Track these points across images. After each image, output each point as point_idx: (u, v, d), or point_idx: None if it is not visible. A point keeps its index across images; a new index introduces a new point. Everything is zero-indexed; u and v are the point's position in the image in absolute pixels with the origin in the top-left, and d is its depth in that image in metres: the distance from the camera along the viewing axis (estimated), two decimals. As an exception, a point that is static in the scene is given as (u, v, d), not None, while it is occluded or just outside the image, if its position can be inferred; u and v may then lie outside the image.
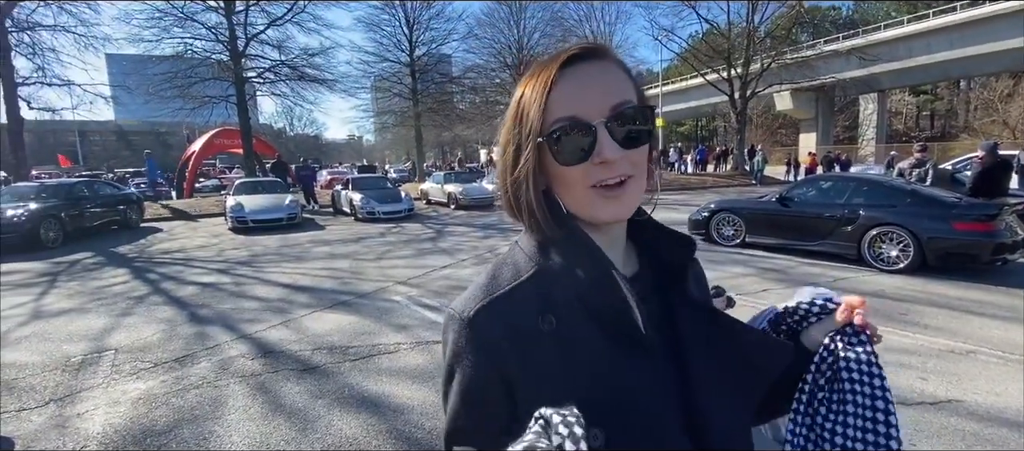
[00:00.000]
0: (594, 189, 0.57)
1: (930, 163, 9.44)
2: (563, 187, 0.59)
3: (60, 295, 6.26)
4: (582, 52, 0.57)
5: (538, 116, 0.56)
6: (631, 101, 0.57)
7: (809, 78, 25.67)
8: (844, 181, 7.61)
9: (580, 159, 0.56)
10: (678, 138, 51.91)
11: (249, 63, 20.16)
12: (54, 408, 3.27)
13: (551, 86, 0.56)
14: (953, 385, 3.26)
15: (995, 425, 2.79)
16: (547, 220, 0.59)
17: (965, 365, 3.56)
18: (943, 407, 3.00)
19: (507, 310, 0.57)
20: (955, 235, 5.96)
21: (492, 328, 0.56)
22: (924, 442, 2.64)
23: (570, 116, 0.55)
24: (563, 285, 0.58)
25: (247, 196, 12.65)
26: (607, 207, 0.57)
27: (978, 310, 4.76)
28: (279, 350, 4.15)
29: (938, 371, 3.47)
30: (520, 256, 0.62)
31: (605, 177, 0.56)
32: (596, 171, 0.56)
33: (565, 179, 0.58)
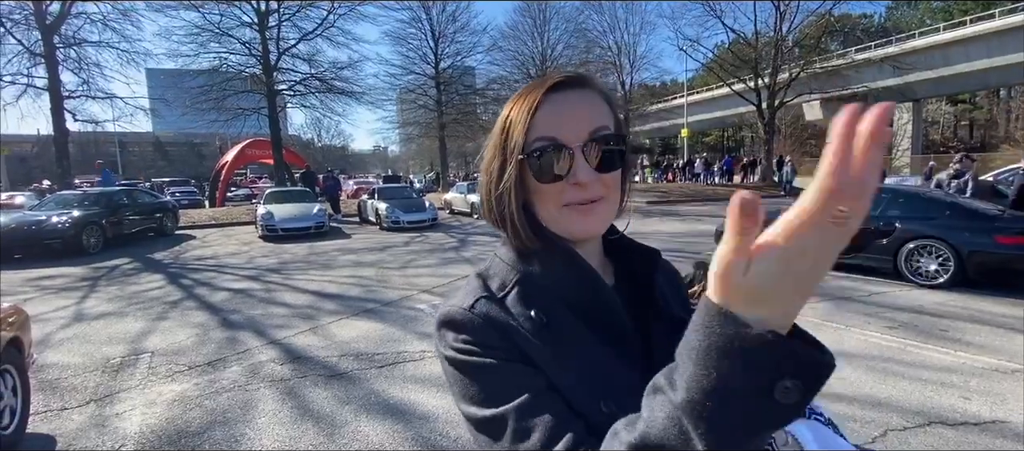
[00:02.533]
0: (567, 207, 0.61)
1: (970, 174, 9.10)
2: (540, 202, 0.63)
3: (100, 299, 6.52)
4: (567, 80, 0.63)
5: (522, 135, 0.61)
6: (608, 128, 0.61)
7: (840, 87, 25.06)
8: (879, 192, 7.37)
9: (557, 178, 0.60)
10: (704, 148, 51.23)
11: (280, 76, 20.83)
12: (94, 408, 3.40)
13: (536, 108, 0.61)
14: (998, 405, 3.11)
15: (1046, 449, 2.65)
16: (527, 231, 0.63)
17: (1010, 384, 3.40)
18: (987, 428, 2.86)
19: (501, 309, 0.60)
20: (998, 249, 5.71)
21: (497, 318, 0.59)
22: (969, 465, 2.53)
23: (551, 137, 0.60)
24: (547, 289, 0.62)
25: (277, 205, 12.98)
26: (578, 223, 0.62)
27: (1023, 328, 4.54)
28: (307, 356, 4.23)
29: (982, 390, 3.32)
30: (502, 266, 0.66)
31: (578, 197, 0.61)
32: (571, 191, 0.61)
33: (542, 195, 0.62)
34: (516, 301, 0.61)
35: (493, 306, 0.61)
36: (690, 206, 18.48)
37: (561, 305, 0.61)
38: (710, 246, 8.89)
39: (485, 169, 0.66)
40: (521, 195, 0.63)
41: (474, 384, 0.58)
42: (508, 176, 0.62)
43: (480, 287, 0.63)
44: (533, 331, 0.59)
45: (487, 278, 0.65)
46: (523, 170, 0.62)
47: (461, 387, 0.59)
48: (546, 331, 0.59)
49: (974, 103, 43.53)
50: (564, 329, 0.60)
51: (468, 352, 0.58)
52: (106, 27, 17.79)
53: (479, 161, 0.69)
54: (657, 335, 0.64)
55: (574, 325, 0.60)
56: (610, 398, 0.56)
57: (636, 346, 0.62)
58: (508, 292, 0.62)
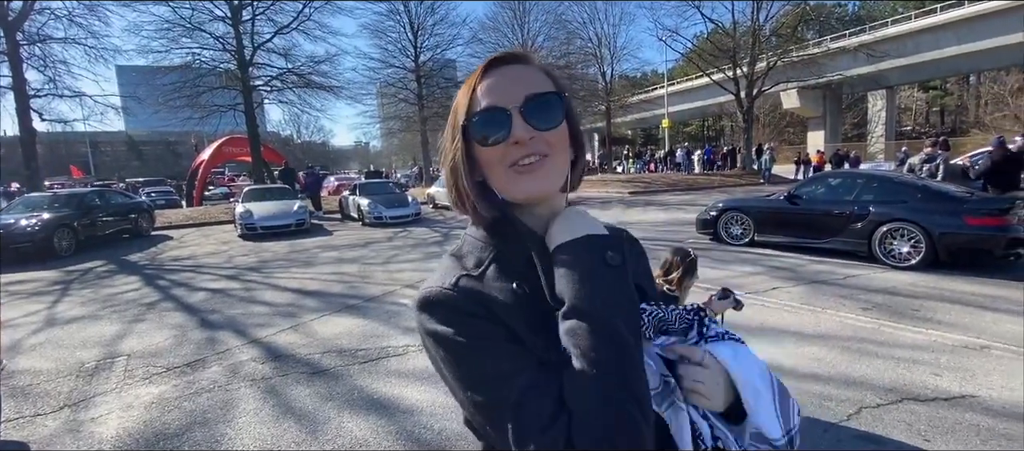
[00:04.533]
0: (511, 168, 0.63)
1: (941, 158, 9.35)
2: (488, 170, 0.64)
3: (73, 303, 6.34)
4: (505, 56, 0.66)
5: (464, 108, 0.64)
6: (546, 91, 0.64)
7: (816, 76, 25.47)
8: (853, 178, 7.54)
9: (497, 141, 0.62)
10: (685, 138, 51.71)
11: (256, 71, 20.38)
12: (68, 413, 3.31)
13: (476, 83, 0.65)
14: (967, 381, 3.22)
15: (1010, 420, 2.75)
16: (481, 203, 0.65)
17: (978, 360, 3.52)
18: (957, 403, 2.96)
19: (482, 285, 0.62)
20: (967, 230, 5.89)
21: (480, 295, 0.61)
22: (939, 438, 2.61)
23: (489, 104, 0.63)
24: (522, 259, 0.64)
25: (256, 203, 12.75)
26: (522, 182, 0.63)
27: (991, 305, 4.70)
28: (289, 354, 4.18)
29: (952, 367, 3.43)
30: (476, 244, 0.68)
31: (520, 156, 0.62)
32: (512, 151, 0.62)
33: (490, 164, 0.64)
34: (495, 276, 0.63)
35: (474, 283, 0.62)
36: (672, 195, 18.66)
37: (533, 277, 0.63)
38: (691, 235, 9.00)
39: (443, 154, 0.69)
40: (474, 170, 0.65)
41: (466, 366, 0.58)
42: (454, 147, 0.64)
43: (457, 266, 0.65)
44: (516, 304, 0.60)
45: (462, 257, 0.67)
46: (468, 142, 0.64)
47: (452, 369, 0.59)
48: (529, 301, 0.61)
49: (945, 90, 44.63)
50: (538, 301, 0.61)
51: (456, 333, 0.58)
52: (72, 23, 17.21)
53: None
54: None
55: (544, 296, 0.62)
56: None
57: None
58: (485, 268, 0.64)
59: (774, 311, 4.81)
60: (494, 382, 0.57)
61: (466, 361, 0.58)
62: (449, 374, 0.60)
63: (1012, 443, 2.55)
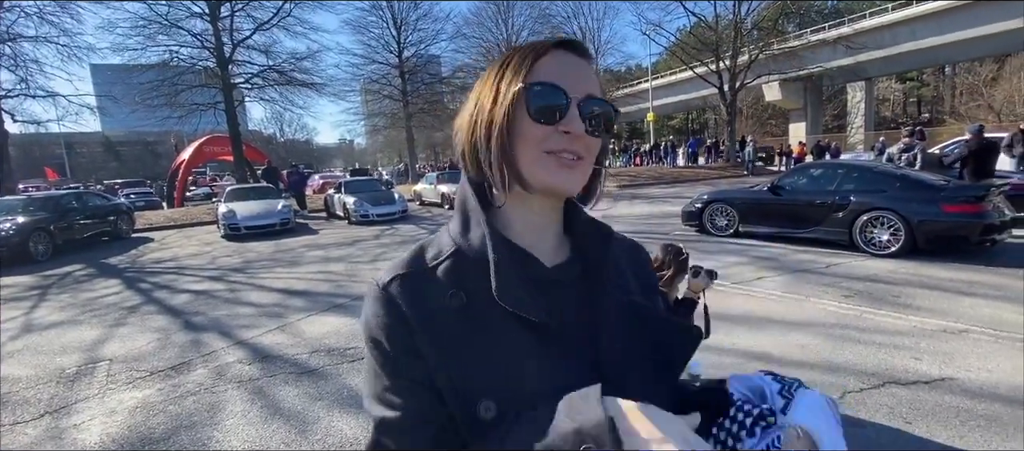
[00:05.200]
0: (549, 154, 0.59)
1: (918, 147, 9.55)
2: (522, 144, 0.59)
3: (51, 308, 6.19)
4: (574, 43, 0.63)
5: (523, 73, 0.59)
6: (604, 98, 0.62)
7: (797, 68, 25.84)
8: (834, 168, 7.67)
9: (549, 120, 0.58)
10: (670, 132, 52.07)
11: (236, 69, 20.02)
12: (49, 420, 3.24)
13: (541, 56, 0.60)
14: (946, 364, 3.30)
15: (988, 401, 2.83)
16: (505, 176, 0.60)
17: (957, 344, 3.61)
18: (937, 385, 3.03)
19: (421, 285, 0.60)
20: (945, 217, 6.03)
21: (405, 298, 0.59)
22: (920, 421, 2.67)
23: (553, 82, 0.59)
24: (481, 265, 0.60)
25: (239, 203, 12.56)
26: (558, 173, 0.59)
27: (968, 290, 4.82)
28: (276, 354, 4.13)
29: (931, 351, 3.51)
30: (445, 238, 0.65)
31: (562, 146, 0.59)
32: (557, 138, 0.59)
33: (526, 137, 0.59)
34: (444, 274, 0.61)
35: (410, 283, 0.60)
36: (658, 188, 18.80)
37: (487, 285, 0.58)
38: (677, 227, 9.08)
39: (470, 110, 0.64)
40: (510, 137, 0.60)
41: (367, 366, 0.61)
42: (503, 102, 0.59)
43: (409, 260, 0.63)
44: (443, 312, 0.58)
45: (426, 248, 0.65)
46: (517, 104, 0.59)
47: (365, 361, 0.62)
48: (460, 313, 0.58)
49: (921, 80, 45.60)
50: (484, 313, 0.58)
51: (370, 333, 0.59)
52: (43, 21, 16.73)
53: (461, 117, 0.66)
54: (606, 322, 0.61)
55: (494, 309, 0.57)
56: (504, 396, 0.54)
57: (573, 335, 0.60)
58: (439, 264, 0.62)
59: (759, 300, 4.88)
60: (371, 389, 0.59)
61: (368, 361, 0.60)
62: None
63: (991, 423, 2.62)
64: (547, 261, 0.64)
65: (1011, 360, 3.30)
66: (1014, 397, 2.85)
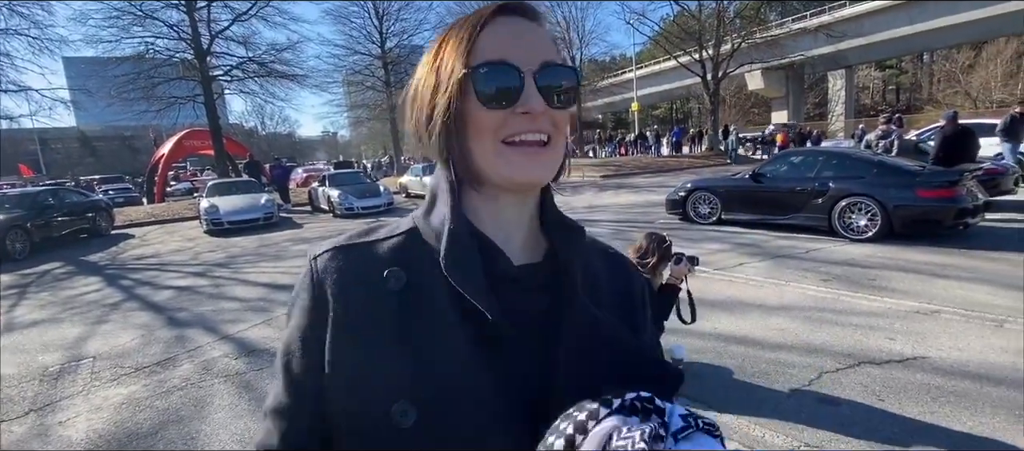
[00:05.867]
0: (508, 145, 0.51)
1: (896, 134, 9.75)
2: (475, 136, 0.52)
3: (31, 306, 6.08)
4: (517, 6, 0.54)
5: (465, 52, 0.51)
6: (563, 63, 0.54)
7: (779, 57, 26.08)
8: (814, 155, 7.81)
9: (502, 105, 0.50)
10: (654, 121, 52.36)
11: (215, 61, 19.64)
12: (34, 418, 3.20)
13: (481, 27, 0.52)
14: (919, 343, 3.42)
15: (958, 378, 2.94)
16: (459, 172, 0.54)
17: (930, 324, 3.74)
18: (910, 364, 3.15)
19: (358, 259, 0.54)
20: (920, 202, 6.19)
21: (330, 272, 0.54)
22: (892, 398, 2.78)
23: (500, 59, 0.50)
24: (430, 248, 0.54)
25: (221, 197, 12.37)
26: (521, 165, 0.51)
27: (942, 273, 4.97)
28: (263, 348, 4.12)
29: (905, 331, 3.63)
30: (406, 219, 0.59)
31: (523, 129, 0.51)
32: (515, 121, 0.51)
33: (480, 126, 0.51)
34: (389, 251, 0.55)
35: (343, 256, 0.55)
36: (643, 178, 18.94)
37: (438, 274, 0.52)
38: (661, 216, 9.19)
39: (412, 99, 0.56)
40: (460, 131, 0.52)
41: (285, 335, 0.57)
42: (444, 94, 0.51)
43: (355, 233, 0.59)
44: (372, 292, 0.52)
45: (383, 225, 0.60)
46: (463, 94, 0.51)
47: None
48: (394, 297, 0.51)
49: (900, 68, 46.38)
50: (424, 302, 0.51)
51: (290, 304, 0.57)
52: (12, 13, 16.19)
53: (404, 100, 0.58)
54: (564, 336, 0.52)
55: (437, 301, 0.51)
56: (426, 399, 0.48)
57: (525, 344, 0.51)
58: (387, 239, 0.56)
59: (740, 285, 4.98)
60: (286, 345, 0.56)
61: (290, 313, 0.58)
62: None
63: (960, 399, 2.73)
64: (515, 259, 0.56)
65: (981, 339, 3.43)
66: (983, 374, 2.97)
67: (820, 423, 2.57)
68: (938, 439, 2.40)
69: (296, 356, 0.55)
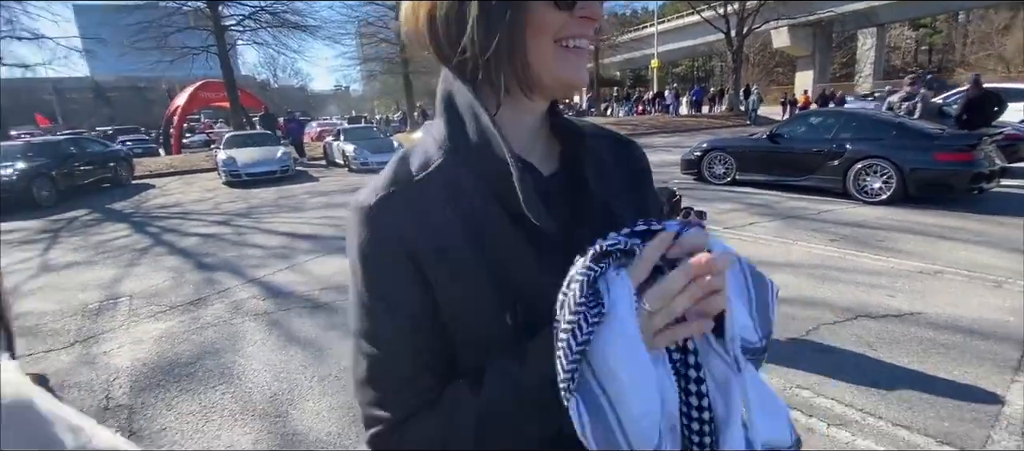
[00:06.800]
0: (558, 44, 0.51)
1: (920, 96, 9.50)
2: (533, 35, 0.51)
3: (65, 250, 6.39)
4: None
5: None
6: None
7: (807, 13, 25.16)
8: (833, 116, 7.70)
9: (569, 5, 0.50)
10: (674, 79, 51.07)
11: (226, 10, 19.43)
12: (80, 348, 3.48)
13: None
14: (917, 300, 3.53)
15: (950, 332, 3.06)
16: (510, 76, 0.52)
17: (931, 283, 3.83)
18: (906, 319, 3.27)
19: (416, 197, 0.53)
20: (936, 165, 6.14)
21: (399, 216, 0.52)
22: (884, 348, 2.91)
23: None
24: (472, 172, 0.54)
25: (238, 150, 12.56)
26: (578, 69, 0.53)
27: (950, 235, 5.01)
28: (287, 291, 4.35)
29: (906, 289, 3.73)
30: (430, 143, 0.57)
31: (578, 33, 0.52)
32: (573, 25, 0.51)
33: (541, 26, 0.50)
34: (434, 186, 0.54)
35: (400, 198, 0.53)
36: (660, 137, 18.72)
37: (486, 190, 0.53)
38: (676, 175, 9.19)
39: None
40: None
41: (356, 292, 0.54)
42: None
43: (392, 175, 0.55)
44: (444, 226, 0.52)
45: (409, 158, 0.57)
46: None
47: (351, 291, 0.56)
48: (462, 224, 0.52)
49: (934, 28, 44.31)
50: (484, 221, 0.53)
51: (356, 259, 0.53)
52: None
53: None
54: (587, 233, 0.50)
55: (495, 217, 0.53)
56: (521, 304, 0.51)
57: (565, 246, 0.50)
58: (428, 173, 0.55)
59: (748, 244, 5.07)
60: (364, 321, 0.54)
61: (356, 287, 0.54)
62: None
63: (949, 351, 2.86)
64: (544, 170, 0.58)
65: (978, 298, 3.52)
66: (975, 329, 3.08)
67: (813, 368, 2.72)
68: (923, 385, 2.54)
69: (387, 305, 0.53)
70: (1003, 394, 2.44)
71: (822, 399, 2.47)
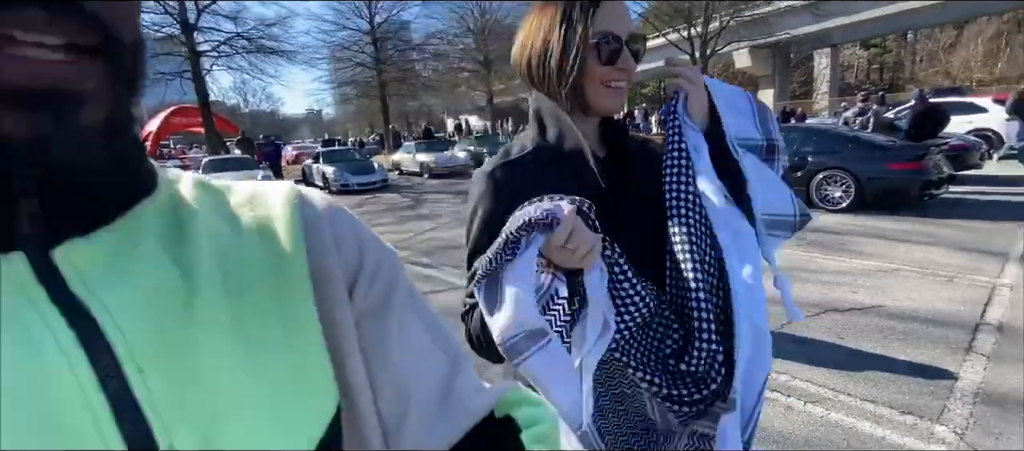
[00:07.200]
0: (604, 85, 0.80)
1: (872, 111, 10.20)
2: (590, 81, 0.79)
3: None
4: None
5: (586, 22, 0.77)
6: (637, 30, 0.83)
7: (766, 35, 26.42)
8: (794, 131, 8.22)
9: (610, 62, 0.78)
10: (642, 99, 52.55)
11: (201, 37, 19.38)
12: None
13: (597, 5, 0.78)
14: (878, 294, 3.87)
15: (909, 321, 3.39)
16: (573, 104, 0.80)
17: (889, 280, 4.19)
18: (868, 311, 3.59)
19: (518, 168, 0.81)
20: (890, 175, 6.64)
21: (505, 178, 0.79)
22: (851, 337, 3.21)
23: (610, 31, 0.78)
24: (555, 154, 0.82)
25: (218, 174, 12.47)
26: (613, 98, 0.82)
27: (904, 238, 5.44)
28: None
29: (867, 286, 4.07)
30: (526, 138, 0.87)
31: (616, 78, 0.80)
32: (613, 74, 0.79)
33: (592, 74, 0.79)
34: (529, 162, 0.82)
35: (507, 168, 0.81)
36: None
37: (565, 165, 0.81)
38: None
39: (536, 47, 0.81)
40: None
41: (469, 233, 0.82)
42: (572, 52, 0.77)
43: (502, 155, 0.85)
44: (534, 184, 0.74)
45: (510, 150, 0.86)
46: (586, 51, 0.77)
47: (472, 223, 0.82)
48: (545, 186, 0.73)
49: (884, 47, 46.99)
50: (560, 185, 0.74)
51: (474, 205, 0.81)
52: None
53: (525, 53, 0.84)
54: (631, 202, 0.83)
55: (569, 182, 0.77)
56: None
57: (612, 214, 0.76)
58: (525, 153, 0.83)
59: (724, 251, 5.39)
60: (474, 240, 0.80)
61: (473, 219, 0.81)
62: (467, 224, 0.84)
63: (907, 337, 3.17)
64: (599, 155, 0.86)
65: (931, 291, 3.89)
66: (929, 318, 3.42)
67: (789, 356, 2.99)
68: (886, 366, 2.83)
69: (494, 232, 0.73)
70: (956, 371, 2.74)
71: (798, 381, 2.73)
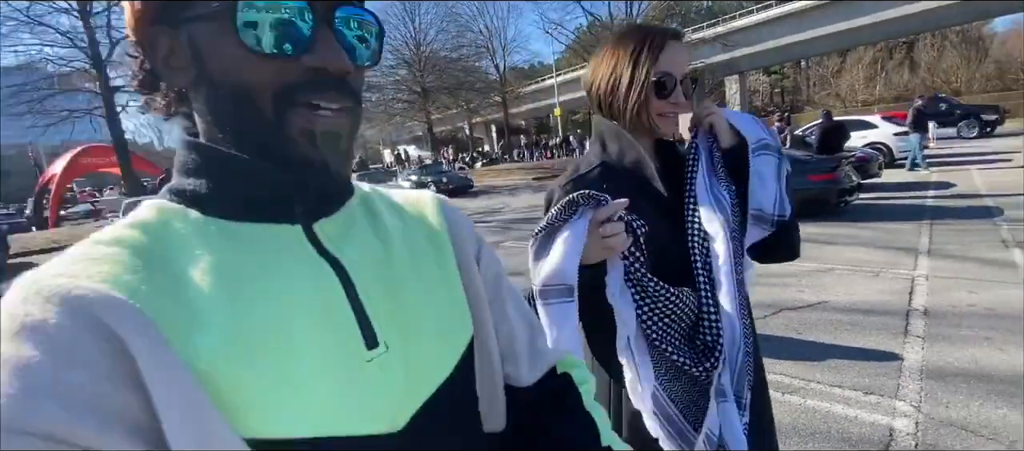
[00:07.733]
0: (661, 116, 0.99)
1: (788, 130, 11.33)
2: (651, 110, 0.98)
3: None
4: (679, 34, 1.02)
5: (651, 61, 0.96)
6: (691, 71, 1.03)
7: (683, 64, 28.56)
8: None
9: (666, 97, 0.98)
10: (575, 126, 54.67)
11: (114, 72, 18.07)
12: None
13: (662, 48, 0.97)
14: (821, 292, 4.30)
15: (852, 313, 3.80)
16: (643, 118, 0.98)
17: (828, 278, 4.67)
18: (816, 307, 3.99)
19: (586, 182, 0.97)
20: (809, 185, 7.37)
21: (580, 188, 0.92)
22: (807, 331, 3.56)
23: (669, 72, 0.97)
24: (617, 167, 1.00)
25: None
26: (669, 125, 1.00)
27: (831, 240, 6.07)
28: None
29: (811, 285, 4.52)
30: (591, 158, 1.04)
31: (670, 109, 0.99)
32: (667, 106, 0.99)
33: (651, 105, 0.98)
34: (596, 177, 1.00)
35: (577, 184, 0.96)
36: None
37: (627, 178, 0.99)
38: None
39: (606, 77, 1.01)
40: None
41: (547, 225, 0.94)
42: (642, 87, 0.97)
43: (572, 172, 1.03)
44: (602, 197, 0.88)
45: (578, 167, 1.04)
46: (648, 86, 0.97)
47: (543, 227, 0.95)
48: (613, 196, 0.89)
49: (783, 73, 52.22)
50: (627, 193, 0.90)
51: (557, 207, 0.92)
52: None
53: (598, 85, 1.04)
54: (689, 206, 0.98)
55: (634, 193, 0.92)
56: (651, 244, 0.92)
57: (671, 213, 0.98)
58: (592, 169, 1.01)
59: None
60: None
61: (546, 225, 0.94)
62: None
63: (854, 327, 3.56)
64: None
65: (864, 285, 4.38)
66: (868, 309, 3.85)
67: (759, 354, 3.26)
68: (842, 354, 3.16)
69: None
70: (900, 352, 3.12)
71: (771, 375, 2.99)
